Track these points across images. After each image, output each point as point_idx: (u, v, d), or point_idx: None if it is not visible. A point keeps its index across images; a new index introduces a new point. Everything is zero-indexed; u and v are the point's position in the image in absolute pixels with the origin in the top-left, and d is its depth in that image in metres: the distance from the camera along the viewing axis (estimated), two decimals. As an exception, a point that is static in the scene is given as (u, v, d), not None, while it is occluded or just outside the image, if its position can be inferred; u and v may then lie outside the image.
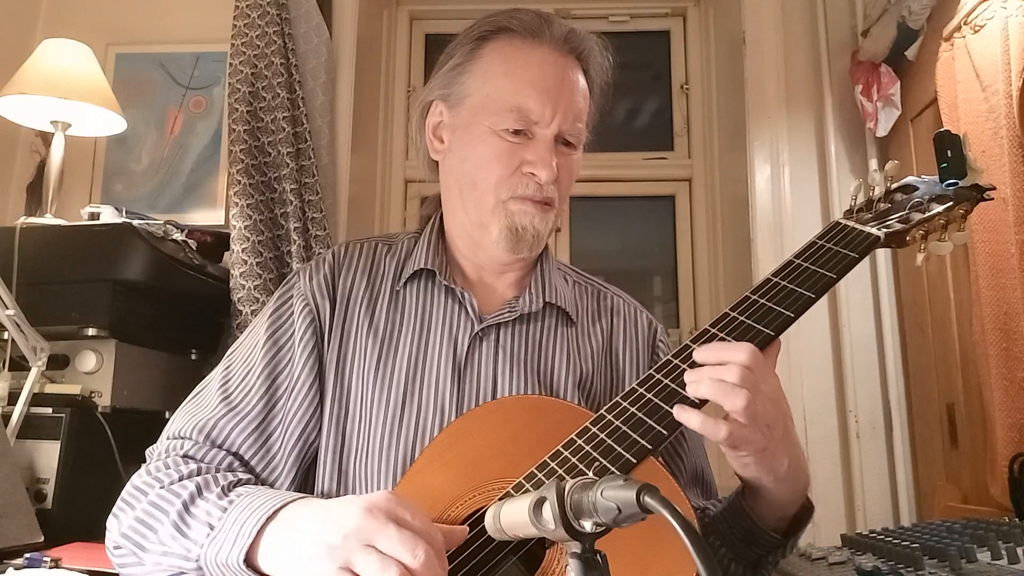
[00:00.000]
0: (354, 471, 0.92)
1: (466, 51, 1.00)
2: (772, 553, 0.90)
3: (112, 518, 0.86)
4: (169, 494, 0.82)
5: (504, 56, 0.97)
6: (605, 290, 1.11)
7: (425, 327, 0.98)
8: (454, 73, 1.00)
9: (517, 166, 0.95)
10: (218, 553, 0.75)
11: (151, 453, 0.92)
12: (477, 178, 0.97)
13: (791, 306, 0.83)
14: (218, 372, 0.98)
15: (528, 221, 0.96)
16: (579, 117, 0.98)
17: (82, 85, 1.90)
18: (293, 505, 0.76)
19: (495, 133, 0.95)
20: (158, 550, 0.80)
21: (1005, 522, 1.11)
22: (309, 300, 0.98)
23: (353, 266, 1.02)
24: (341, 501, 0.72)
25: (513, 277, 1.04)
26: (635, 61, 2.83)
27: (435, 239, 1.04)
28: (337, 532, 0.68)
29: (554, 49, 0.98)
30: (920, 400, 1.92)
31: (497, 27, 0.99)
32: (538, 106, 0.94)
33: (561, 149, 0.97)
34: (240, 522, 0.75)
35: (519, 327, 0.99)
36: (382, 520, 0.68)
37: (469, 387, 0.94)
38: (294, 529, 0.73)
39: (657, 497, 0.47)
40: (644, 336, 1.06)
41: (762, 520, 0.88)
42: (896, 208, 0.91)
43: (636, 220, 2.75)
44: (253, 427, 0.91)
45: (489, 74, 0.97)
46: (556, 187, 0.96)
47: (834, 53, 2.18)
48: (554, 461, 0.78)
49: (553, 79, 0.96)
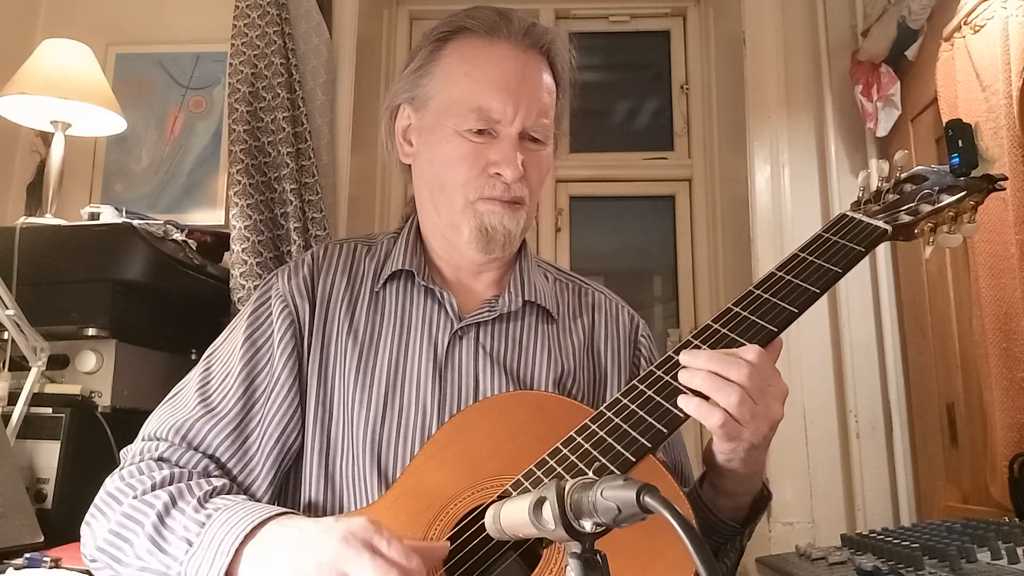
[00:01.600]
0: (340, 473, 0.91)
1: (427, 52, 1.00)
2: (731, 541, 0.91)
3: (85, 526, 0.85)
4: (143, 504, 0.81)
5: (464, 56, 0.97)
6: (586, 286, 1.10)
7: (405, 327, 0.98)
8: (417, 75, 1.00)
9: (483, 167, 0.95)
10: (198, 570, 0.75)
11: (126, 454, 0.91)
12: (445, 180, 0.97)
13: (794, 301, 0.82)
14: (196, 373, 0.97)
15: (497, 221, 0.96)
16: (544, 113, 0.97)
17: (82, 85, 1.90)
18: (271, 523, 0.76)
19: (459, 134, 0.95)
20: (136, 565, 0.80)
21: (1005, 522, 1.11)
22: (288, 301, 0.97)
23: (333, 267, 1.02)
24: (319, 525, 0.73)
25: (491, 276, 1.04)
26: (635, 61, 2.83)
27: (413, 239, 1.04)
28: (311, 561, 0.68)
29: (514, 45, 0.97)
30: (920, 400, 1.92)
31: (456, 27, 0.99)
32: (499, 104, 0.94)
33: (528, 145, 0.97)
34: (219, 539, 0.75)
35: (499, 326, 0.99)
36: (357, 548, 0.68)
37: (451, 386, 0.94)
38: (271, 551, 0.73)
39: (657, 497, 0.47)
40: (625, 331, 1.06)
41: (720, 511, 0.89)
42: (905, 199, 0.89)
43: (636, 220, 2.75)
44: (230, 429, 0.90)
45: (450, 75, 0.97)
46: (525, 184, 0.96)
47: (834, 53, 2.18)
48: (553, 459, 0.78)
49: (514, 76, 0.95)
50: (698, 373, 0.78)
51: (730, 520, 0.89)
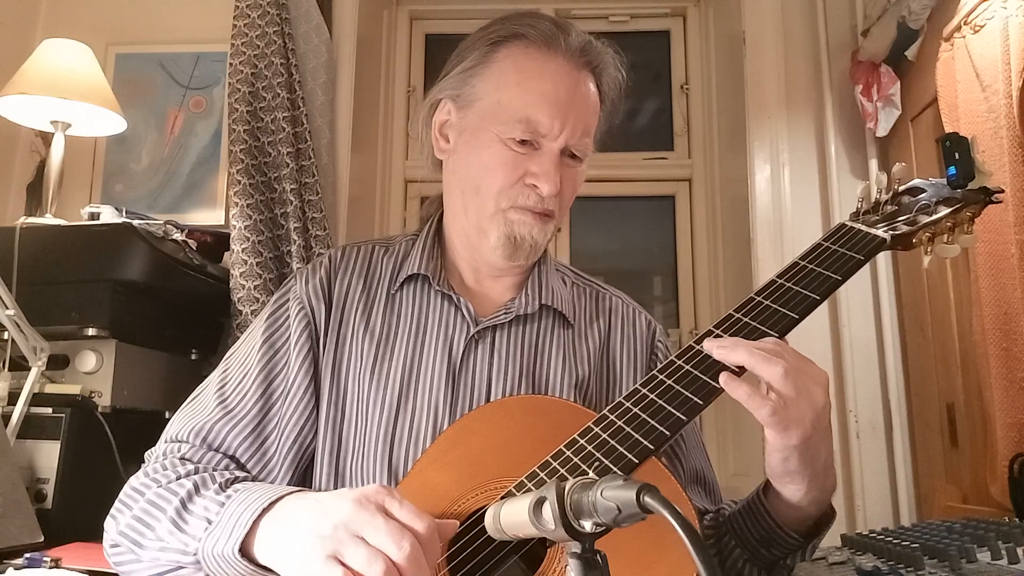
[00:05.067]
0: (350, 473, 0.92)
1: (480, 54, 0.99)
2: (791, 556, 0.89)
3: (110, 519, 0.86)
4: (167, 492, 0.82)
5: (518, 64, 0.96)
6: (604, 291, 1.10)
7: (421, 330, 0.98)
8: (466, 75, 0.99)
9: (520, 176, 0.95)
10: (215, 545, 0.76)
11: (149, 456, 0.93)
12: (480, 183, 0.97)
13: (795, 308, 0.83)
14: (215, 376, 0.98)
15: (527, 231, 0.96)
16: (587, 132, 0.98)
17: (82, 85, 1.90)
18: (289, 498, 0.76)
19: (502, 141, 0.95)
20: (155, 546, 0.81)
21: (1005, 522, 1.10)
22: (305, 303, 0.98)
23: (349, 269, 1.02)
24: (334, 493, 0.73)
25: (510, 281, 1.04)
26: (635, 61, 2.80)
27: (431, 242, 1.04)
28: (328, 523, 0.69)
29: (568, 61, 0.96)
30: (920, 400, 1.92)
31: (513, 33, 0.98)
32: (547, 119, 0.93)
33: (566, 161, 0.97)
34: (237, 514, 0.76)
35: (515, 329, 0.99)
36: (371, 511, 0.68)
37: (464, 389, 0.95)
38: (288, 520, 0.73)
39: (657, 497, 0.47)
40: (643, 336, 1.06)
41: (783, 521, 0.86)
42: (903, 210, 0.91)
43: (636, 220, 2.75)
44: (249, 430, 0.92)
45: (501, 81, 0.96)
46: (558, 199, 0.96)
47: (834, 53, 2.18)
48: (556, 460, 0.78)
49: (565, 93, 0.95)
50: (738, 348, 0.77)
51: (794, 532, 0.87)
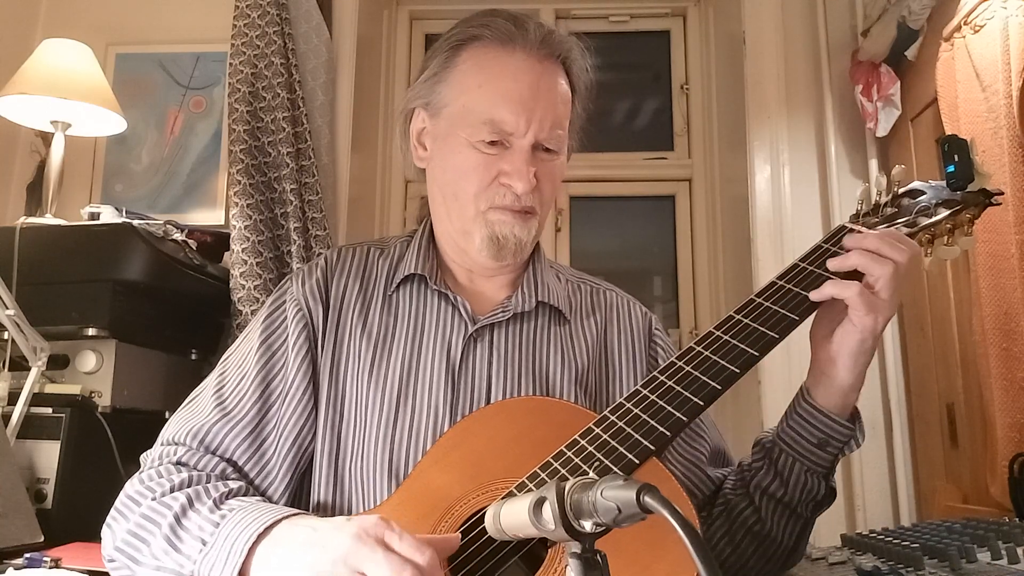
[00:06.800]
0: (349, 475, 0.92)
1: (443, 59, 0.99)
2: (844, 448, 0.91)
3: (106, 528, 0.86)
4: (160, 506, 0.82)
5: (479, 65, 0.96)
6: (598, 287, 1.10)
7: (418, 330, 0.98)
8: (432, 82, 0.99)
9: (494, 177, 0.94)
10: (211, 570, 0.75)
11: (145, 459, 0.92)
12: (457, 188, 0.97)
13: (795, 309, 0.83)
14: (213, 378, 0.97)
15: (508, 230, 0.95)
16: (558, 123, 0.97)
17: (82, 85, 1.90)
18: (285, 523, 0.76)
19: (471, 145, 0.94)
20: (152, 564, 0.80)
21: (1005, 522, 1.10)
22: (302, 305, 0.98)
23: (346, 270, 1.02)
24: (332, 523, 0.73)
25: (504, 279, 1.04)
26: (635, 61, 2.83)
27: (426, 243, 1.04)
28: (326, 559, 0.69)
29: (529, 56, 0.96)
30: (920, 400, 1.92)
31: (471, 35, 0.97)
32: (512, 117, 0.93)
33: (541, 156, 0.96)
34: (232, 539, 0.75)
35: (512, 327, 0.99)
36: (371, 546, 0.68)
37: (464, 389, 0.94)
38: (285, 550, 0.73)
39: (657, 497, 0.47)
40: (639, 327, 1.06)
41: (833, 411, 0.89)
42: (902, 212, 0.91)
43: (636, 220, 2.75)
44: (247, 433, 0.91)
45: (464, 85, 0.96)
46: (537, 194, 0.96)
47: (834, 53, 2.18)
48: (557, 461, 0.78)
49: (528, 88, 0.94)
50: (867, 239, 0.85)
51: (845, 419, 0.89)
